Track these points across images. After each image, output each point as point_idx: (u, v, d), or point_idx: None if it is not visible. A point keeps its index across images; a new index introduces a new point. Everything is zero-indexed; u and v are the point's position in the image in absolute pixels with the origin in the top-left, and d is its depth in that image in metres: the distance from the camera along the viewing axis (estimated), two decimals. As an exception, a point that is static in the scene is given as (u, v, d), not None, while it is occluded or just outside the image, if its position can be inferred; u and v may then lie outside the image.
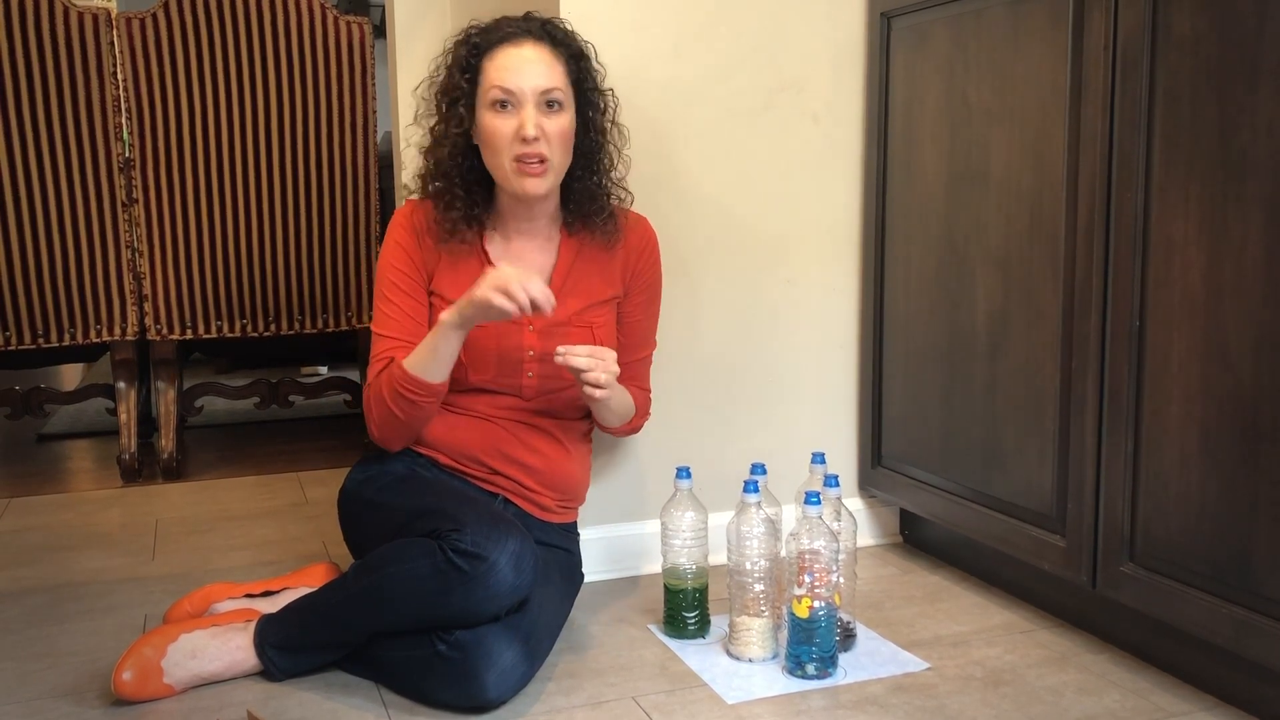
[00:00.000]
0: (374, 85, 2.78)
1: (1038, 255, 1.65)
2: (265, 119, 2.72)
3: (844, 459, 2.11)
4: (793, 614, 1.52)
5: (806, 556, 1.50)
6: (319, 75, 2.73)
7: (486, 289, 1.47)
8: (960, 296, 1.82)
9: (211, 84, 2.67)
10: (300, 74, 2.71)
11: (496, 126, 1.56)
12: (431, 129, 1.66)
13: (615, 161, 1.69)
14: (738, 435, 2.03)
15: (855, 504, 2.12)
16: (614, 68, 1.85)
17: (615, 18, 1.88)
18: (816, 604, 1.50)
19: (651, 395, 1.83)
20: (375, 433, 1.63)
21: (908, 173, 1.94)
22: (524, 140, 1.55)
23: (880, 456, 2.07)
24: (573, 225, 1.69)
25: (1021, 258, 1.68)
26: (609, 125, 1.67)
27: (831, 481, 1.64)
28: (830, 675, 1.54)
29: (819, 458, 1.74)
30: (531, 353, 1.65)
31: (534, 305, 1.46)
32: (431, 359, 1.56)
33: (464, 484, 1.67)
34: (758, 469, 1.68)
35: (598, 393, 1.56)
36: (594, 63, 1.66)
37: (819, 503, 1.52)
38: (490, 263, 1.65)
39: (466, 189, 1.63)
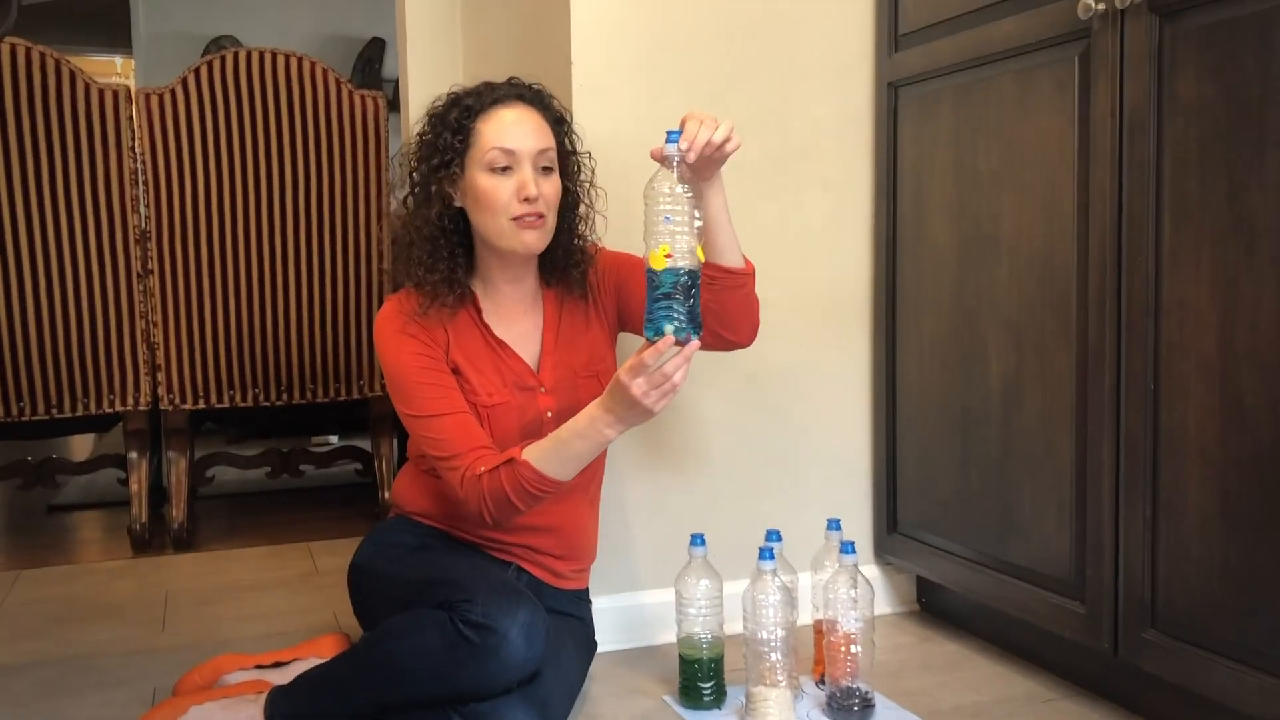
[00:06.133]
0: (388, 158, 2.81)
1: (1050, 319, 1.65)
2: (280, 192, 2.75)
3: (859, 525, 2.09)
4: (650, 269, 1.39)
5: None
6: (334, 149, 2.76)
7: (658, 406, 1.43)
8: (973, 361, 1.82)
9: (228, 157, 2.70)
10: (315, 147, 2.75)
11: (494, 186, 1.56)
12: (411, 195, 1.65)
13: (591, 219, 1.71)
14: (751, 502, 2.02)
15: (871, 571, 2.10)
16: (629, 137, 1.87)
17: (630, 89, 1.91)
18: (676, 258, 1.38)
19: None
20: (489, 520, 1.55)
21: (918, 239, 1.95)
22: (527, 200, 1.56)
23: (896, 523, 2.05)
24: (550, 280, 1.71)
25: (1034, 322, 1.69)
26: (586, 187, 1.70)
27: (847, 548, 1.63)
28: (692, 338, 1.41)
29: (834, 524, 1.73)
30: (550, 414, 1.65)
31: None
32: (576, 465, 1.51)
33: (475, 552, 1.66)
34: (772, 536, 1.67)
35: (730, 145, 1.45)
36: (572, 128, 1.69)
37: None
38: (491, 333, 1.65)
39: (450, 250, 1.62)
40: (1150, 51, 1.46)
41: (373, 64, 5.20)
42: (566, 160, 1.66)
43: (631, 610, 1.95)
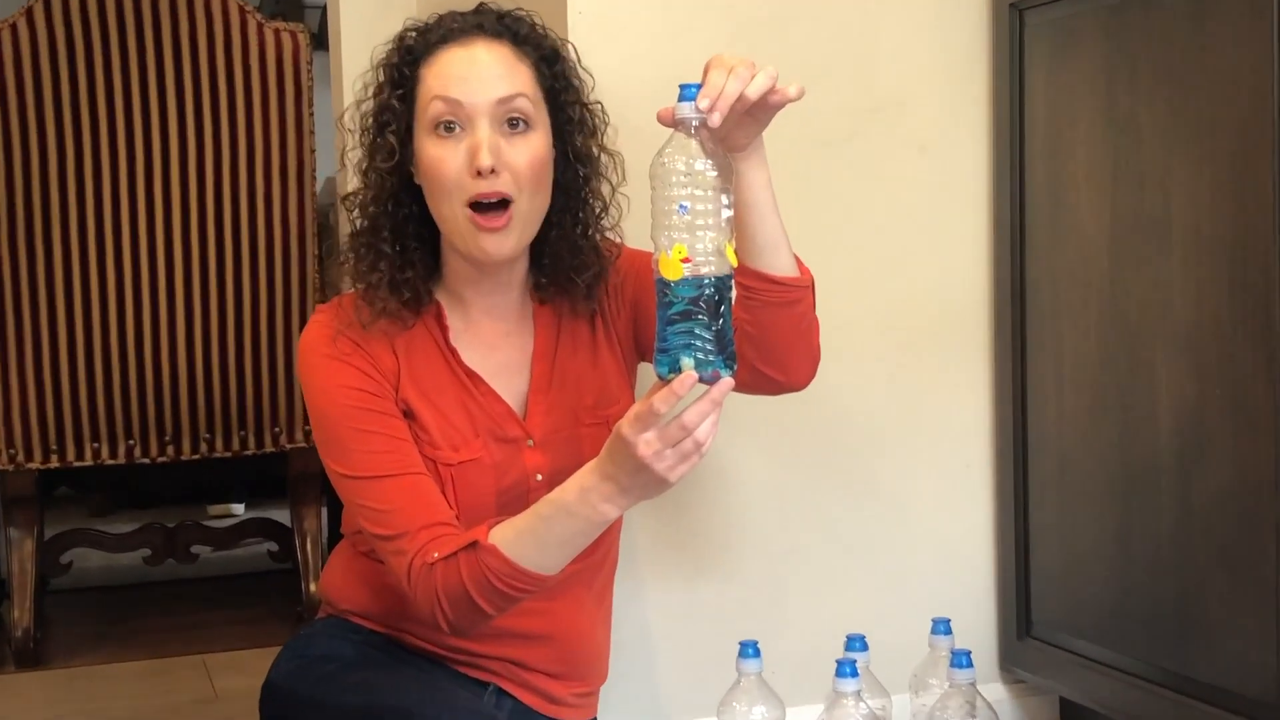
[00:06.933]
0: (312, 115, 2.81)
1: (1243, 336, 1.65)
2: (164, 164, 2.75)
3: (978, 629, 2.10)
4: (661, 278, 1.37)
5: None
6: (237, 102, 2.77)
7: (675, 473, 1.40)
8: (1135, 395, 1.82)
9: (90, 118, 2.71)
10: (212, 102, 2.75)
11: (440, 156, 1.56)
12: (359, 171, 1.66)
13: (608, 202, 1.68)
14: (824, 598, 2.03)
15: (996, 691, 2.10)
16: (644, 88, 1.88)
17: (644, 21, 1.93)
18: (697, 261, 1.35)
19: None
20: (445, 626, 1.54)
21: (1055, 222, 1.96)
22: (478, 172, 1.54)
23: (1030, 625, 2.05)
24: (545, 290, 1.69)
25: (1221, 339, 1.69)
26: (597, 151, 1.67)
27: (961, 660, 1.63)
28: (722, 375, 1.38)
29: (942, 626, 1.74)
30: (539, 477, 1.64)
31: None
32: (563, 552, 1.49)
33: (437, 668, 1.67)
34: (855, 644, 1.68)
35: (793, 89, 1.43)
36: (575, 67, 1.67)
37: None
38: (460, 361, 1.64)
39: (399, 243, 1.62)
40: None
41: (292, -16, 5.24)
42: (563, 113, 1.64)
43: (657, 750, 1.96)
